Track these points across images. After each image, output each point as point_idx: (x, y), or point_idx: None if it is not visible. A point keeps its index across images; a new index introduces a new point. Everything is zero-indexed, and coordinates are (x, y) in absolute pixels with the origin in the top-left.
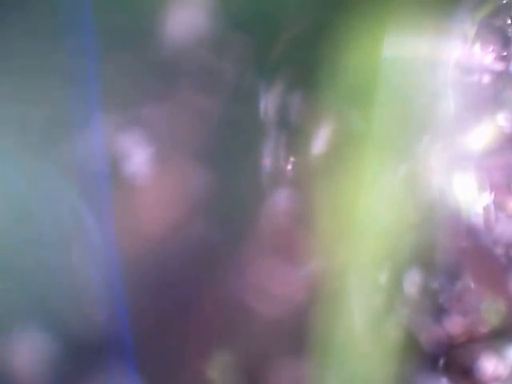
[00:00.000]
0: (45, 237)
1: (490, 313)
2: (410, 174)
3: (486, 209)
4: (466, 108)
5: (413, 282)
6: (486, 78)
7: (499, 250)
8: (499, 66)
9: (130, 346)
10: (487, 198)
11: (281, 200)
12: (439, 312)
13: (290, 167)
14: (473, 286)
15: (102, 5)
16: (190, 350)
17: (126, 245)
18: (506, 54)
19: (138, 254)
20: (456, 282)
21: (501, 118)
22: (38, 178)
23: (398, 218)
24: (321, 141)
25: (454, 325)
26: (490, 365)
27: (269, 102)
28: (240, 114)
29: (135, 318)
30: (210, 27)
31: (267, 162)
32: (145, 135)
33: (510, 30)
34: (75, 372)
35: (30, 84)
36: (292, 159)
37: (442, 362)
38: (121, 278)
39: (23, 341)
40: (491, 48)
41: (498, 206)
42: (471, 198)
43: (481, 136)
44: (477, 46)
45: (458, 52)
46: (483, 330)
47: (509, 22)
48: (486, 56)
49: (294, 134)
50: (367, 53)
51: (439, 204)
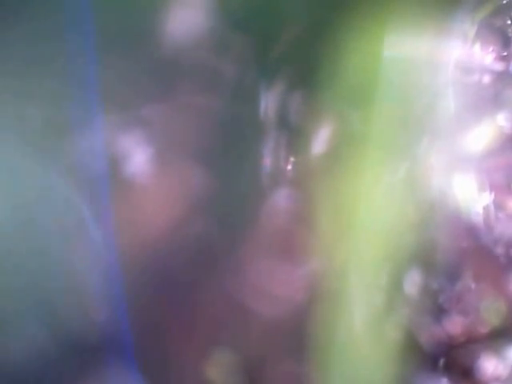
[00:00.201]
0: (45, 237)
1: (490, 313)
2: (410, 174)
3: (485, 209)
4: (466, 108)
5: (413, 282)
6: (486, 78)
7: (499, 250)
8: (499, 66)
9: (130, 346)
10: (487, 198)
11: (281, 200)
12: (439, 312)
13: (289, 167)
14: (473, 286)
15: (102, 5)
16: (190, 349)
17: (126, 244)
18: (506, 53)
19: (139, 254)
20: (456, 282)
21: (501, 118)
22: (38, 178)
23: (399, 217)
24: (321, 141)
25: (454, 325)
26: (489, 365)
27: (269, 102)
28: (240, 114)
29: (135, 317)
30: (210, 27)
31: (267, 161)
32: (145, 135)
33: (510, 30)
34: (75, 371)
35: (30, 84)
36: (292, 159)
37: (442, 362)
38: (121, 278)
39: (23, 340)
40: (491, 48)
41: (498, 205)
42: (471, 197)
43: (481, 136)
44: (477, 46)
45: (458, 52)
46: (483, 330)
47: (509, 22)
48: (486, 56)
49: (294, 134)
50: (367, 53)
51: (439, 204)
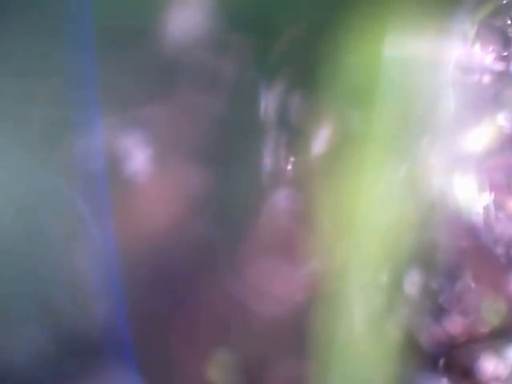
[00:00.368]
0: (44, 236)
1: (490, 313)
2: (410, 174)
3: (486, 209)
4: (466, 108)
5: (413, 282)
6: (486, 78)
7: (499, 250)
8: (499, 66)
9: (130, 346)
10: (487, 198)
11: (281, 200)
12: (439, 312)
13: (290, 167)
14: (473, 286)
15: (102, 5)
16: (190, 349)
17: (126, 244)
18: (506, 53)
19: (138, 254)
20: (456, 282)
21: (501, 118)
22: (38, 177)
23: (399, 217)
24: (321, 141)
25: (454, 325)
26: (490, 365)
27: (269, 102)
28: (240, 114)
29: (135, 317)
30: (210, 27)
31: (267, 161)
32: (145, 135)
33: (510, 30)
34: (75, 371)
35: (30, 84)
36: (292, 159)
37: (442, 362)
38: (121, 278)
39: (23, 340)
40: (491, 48)
41: (498, 205)
42: (471, 197)
43: (481, 136)
44: (477, 46)
45: (459, 52)
46: (483, 330)
47: (509, 22)
48: (486, 56)
49: (294, 133)
50: (368, 53)
51: (439, 204)
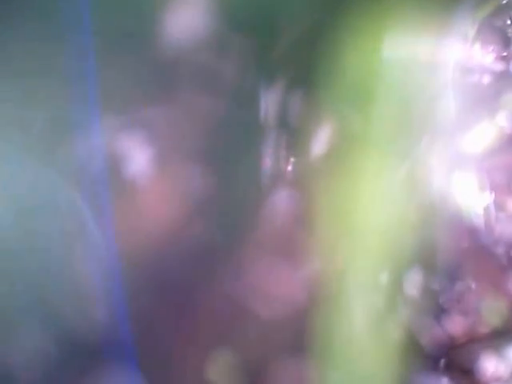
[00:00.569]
0: (45, 237)
1: (491, 313)
2: (411, 174)
3: (486, 209)
4: (466, 108)
5: (413, 283)
6: (486, 79)
7: (499, 250)
8: (499, 66)
9: (131, 347)
10: (487, 198)
11: (281, 200)
12: (440, 312)
13: (290, 167)
14: (473, 286)
15: (102, 6)
16: (191, 350)
17: (126, 245)
18: (506, 53)
19: (139, 255)
20: (456, 283)
21: (501, 119)
22: (39, 178)
23: (399, 218)
24: (321, 141)
25: (455, 325)
26: (490, 365)
27: (269, 103)
28: (240, 115)
29: (136, 318)
30: (211, 28)
31: (267, 162)
32: (145, 136)
33: (510, 30)
34: (77, 372)
35: (31, 85)
36: (292, 159)
37: (442, 362)
38: (121, 279)
39: (24, 341)
40: (491, 48)
41: (498, 206)
42: (471, 198)
43: (481, 136)
44: (477, 46)
45: (459, 52)
46: (483, 330)
47: (509, 22)
48: (486, 56)
49: (294, 134)
50: (367, 53)
51: (439, 204)
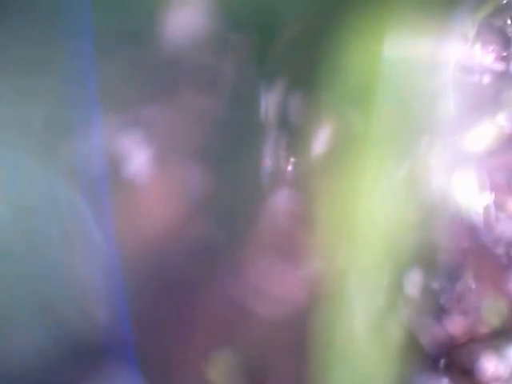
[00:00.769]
0: (45, 237)
1: (491, 313)
2: (411, 174)
3: (486, 209)
4: (466, 108)
5: (414, 283)
6: (487, 79)
7: (500, 250)
8: (499, 66)
9: (131, 347)
10: (487, 198)
11: (281, 200)
12: (440, 312)
13: (290, 167)
14: (473, 286)
15: (102, 6)
16: (191, 350)
17: (126, 245)
18: (506, 54)
19: (139, 255)
20: (457, 283)
21: (501, 118)
22: (38, 179)
23: (399, 218)
24: (321, 141)
25: (455, 325)
26: (490, 365)
27: (269, 102)
28: (240, 115)
29: (136, 318)
30: (210, 27)
31: (268, 162)
32: (145, 136)
33: (510, 30)
34: (77, 372)
35: (30, 85)
36: (292, 159)
37: (442, 362)
38: (122, 279)
39: (25, 341)
40: (491, 48)
41: (499, 206)
42: (471, 198)
43: (481, 136)
44: (477, 46)
45: (458, 52)
46: (484, 330)
47: (509, 22)
48: (486, 56)
49: (294, 134)
50: (367, 53)
51: (440, 204)
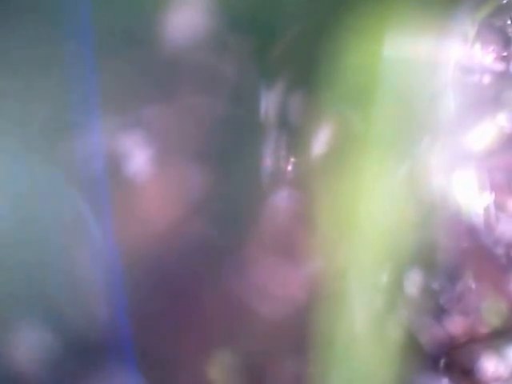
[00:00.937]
0: (45, 236)
1: (491, 313)
2: (411, 174)
3: (486, 209)
4: (467, 108)
5: (414, 283)
6: (487, 79)
7: (500, 250)
8: (499, 66)
9: (130, 345)
10: (488, 198)
11: (282, 200)
12: (440, 312)
13: (290, 167)
14: (473, 286)
15: (102, 6)
16: (191, 349)
17: (126, 244)
18: (506, 54)
19: (139, 254)
20: (457, 283)
21: (501, 118)
22: (38, 178)
23: (399, 218)
24: (321, 141)
25: (455, 325)
26: (490, 365)
27: (269, 103)
28: (240, 115)
29: (136, 317)
30: (210, 27)
31: (268, 162)
32: (145, 136)
33: (510, 30)
34: (75, 371)
35: (30, 86)
36: (292, 159)
37: (442, 362)
38: (121, 277)
39: (24, 340)
40: (491, 48)
41: (499, 206)
42: (472, 198)
43: (481, 136)
44: (477, 46)
45: (459, 52)
46: (484, 330)
47: (509, 22)
48: (486, 56)
49: (294, 134)
50: (367, 53)
51: (440, 204)
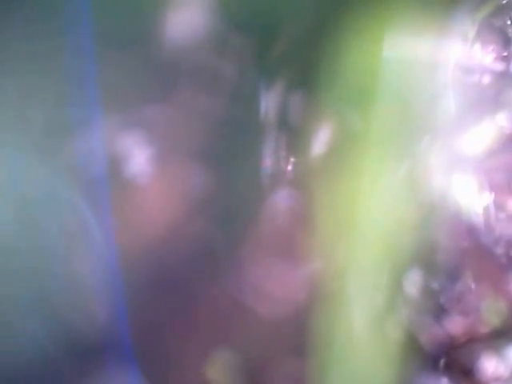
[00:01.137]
0: (45, 237)
1: (491, 313)
2: (411, 174)
3: (486, 209)
4: (467, 108)
5: (413, 283)
6: (487, 79)
7: (499, 250)
8: (499, 66)
9: (130, 346)
10: (487, 198)
11: (281, 200)
12: (440, 312)
13: (290, 167)
14: (473, 286)
15: (102, 5)
16: (191, 349)
17: (126, 245)
18: (506, 54)
19: (139, 255)
20: (456, 283)
21: (501, 119)
22: (38, 178)
23: (399, 218)
24: (321, 141)
25: (455, 325)
26: (490, 365)
27: (269, 103)
28: (240, 115)
29: (135, 317)
30: (210, 27)
31: (268, 162)
32: (145, 136)
33: (510, 30)
34: (75, 371)
35: (31, 85)
36: (292, 159)
37: (442, 362)
38: (121, 278)
39: (23, 340)
40: (491, 48)
41: (498, 206)
42: (471, 198)
43: (481, 136)
44: (477, 46)
45: (459, 52)
46: (484, 330)
47: (509, 22)
48: (486, 56)
49: (294, 134)
50: (367, 53)
51: (439, 204)
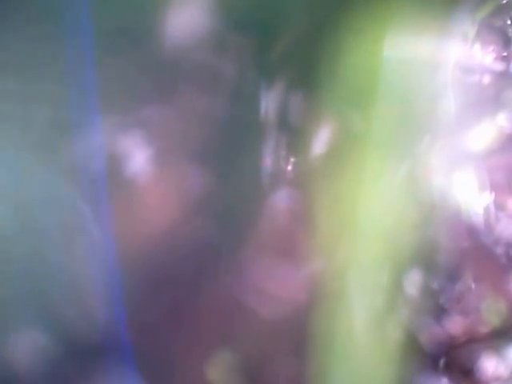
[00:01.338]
0: (45, 237)
1: (491, 313)
2: (411, 174)
3: (486, 209)
4: (467, 108)
5: (413, 283)
6: (487, 79)
7: (500, 250)
8: (499, 66)
9: (129, 347)
10: (487, 198)
11: (281, 200)
12: (440, 312)
13: (290, 167)
14: (473, 286)
15: (101, 5)
16: (191, 350)
17: (126, 245)
18: (506, 54)
19: (138, 255)
20: (456, 282)
21: (501, 118)
22: (38, 179)
23: (399, 218)
24: (321, 141)
25: (455, 325)
26: (490, 365)
27: (269, 103)
28: (240, 115)
29: (135, 318)
30: (210, 27)
31: (268, 162)
32: (145, 136)
33: (510, 30)
34: (75, 372)
35: (30, 86)
36: (292, 159)
37: (442, 362)
38: (121, 278)
39: (23, 341)
40: (491, 48)
41: (499, 205)
42: (472, 198)
43: (481, 136)
44: (477, 46)
45: (459, 52)
46: (484, 330)
47: (509, 22)
48: (486, 56)
49: (294, 134)
50: (368, 53)
51: (440, 204)
